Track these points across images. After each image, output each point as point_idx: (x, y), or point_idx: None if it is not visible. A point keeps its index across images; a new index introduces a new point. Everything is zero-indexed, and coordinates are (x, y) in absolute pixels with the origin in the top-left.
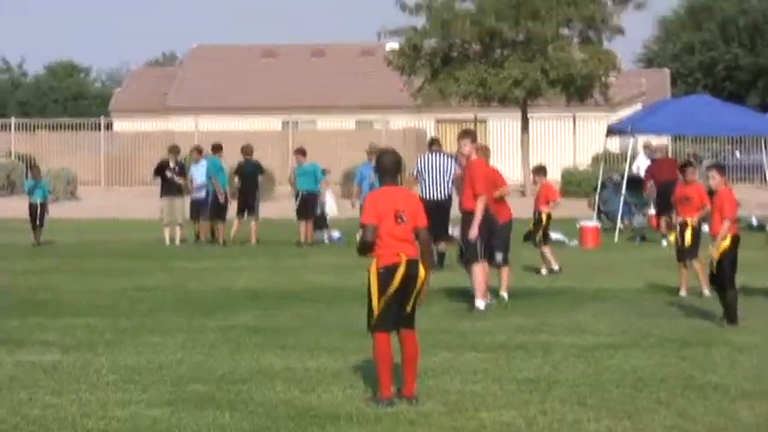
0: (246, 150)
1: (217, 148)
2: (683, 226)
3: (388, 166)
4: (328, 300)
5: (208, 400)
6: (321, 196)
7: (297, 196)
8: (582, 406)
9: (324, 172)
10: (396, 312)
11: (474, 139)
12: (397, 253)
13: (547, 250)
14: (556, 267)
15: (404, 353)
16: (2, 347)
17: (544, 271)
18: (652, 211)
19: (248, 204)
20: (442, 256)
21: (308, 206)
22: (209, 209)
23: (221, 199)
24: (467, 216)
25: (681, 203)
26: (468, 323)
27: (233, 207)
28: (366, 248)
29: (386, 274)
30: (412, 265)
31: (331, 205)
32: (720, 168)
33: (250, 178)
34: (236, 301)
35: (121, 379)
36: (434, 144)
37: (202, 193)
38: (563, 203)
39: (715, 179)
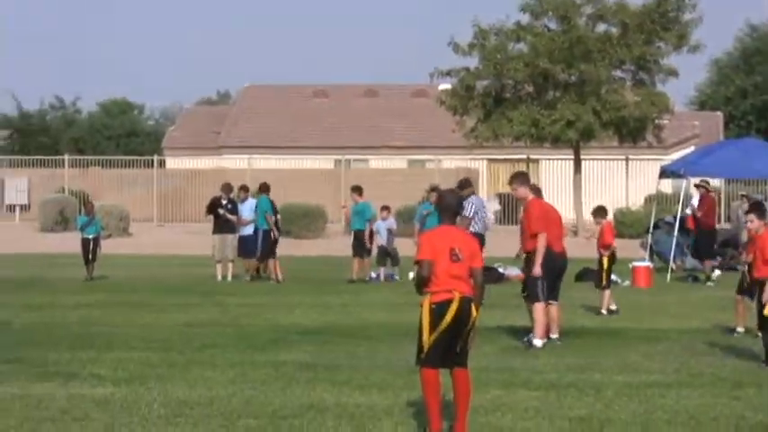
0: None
1: (264, 188)
2: (751, 266)
3: (450, 204)
4: (380, 337)
5: None
6: (375, 232)
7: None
8: None
9: (384, 208)
10: (445, 349)
11: (526, 181)
12: (450, 290)
13: (606, 293)
14: (614, 307)
15: (456, 390)
16: (54, 380)
17: (605, 311)
18: None
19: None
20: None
21: (361, 244)
22: (264, 246)
23: (275, 235)
24: (529, 256)
25: (751, 243)
26: (520, 361)
27: None
28: (422, 284)
29: (438, 310)
30: (465, 303)
31: (386, 238)
32: (760, 211)
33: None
34: (287, 337)
35: (172, 413)
36: (468, 186)
37: (249, 230)
38: (615, 244)
39: (753, 222)
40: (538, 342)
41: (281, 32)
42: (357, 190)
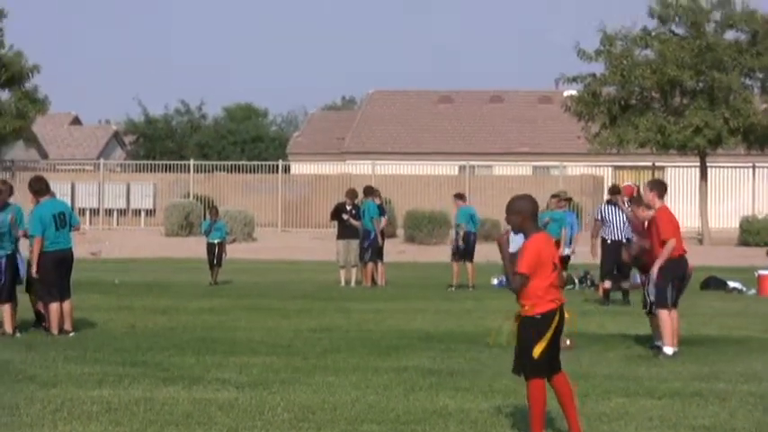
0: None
1: (369, 191)
2: None
3: (525, 208)
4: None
5: None
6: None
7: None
8: None
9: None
10: (550, 357)
11: (660, 193)
12: (553, 299)
13: None
14: None
15: (561, 395)
16: (178, 384)
17: None
18: None
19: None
20: (626, 293)
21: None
22: (373, 250)
23: (380, 241)
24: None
25: None
26: (644, 369)
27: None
28: (519, 295)
29: (544, 321)
30: (563, 310)
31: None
32: None
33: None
34: (410, 343)
35: (296, 417)
36: (615, 194)
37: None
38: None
39: None
40: (668, 350)
41: (407, 38)
42: (459, 196)
